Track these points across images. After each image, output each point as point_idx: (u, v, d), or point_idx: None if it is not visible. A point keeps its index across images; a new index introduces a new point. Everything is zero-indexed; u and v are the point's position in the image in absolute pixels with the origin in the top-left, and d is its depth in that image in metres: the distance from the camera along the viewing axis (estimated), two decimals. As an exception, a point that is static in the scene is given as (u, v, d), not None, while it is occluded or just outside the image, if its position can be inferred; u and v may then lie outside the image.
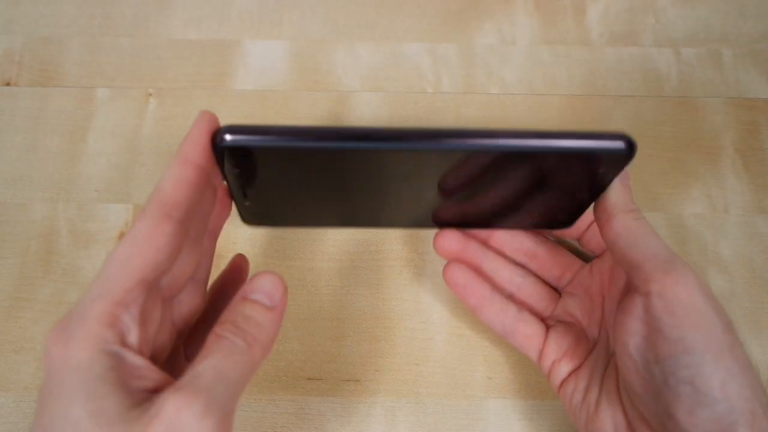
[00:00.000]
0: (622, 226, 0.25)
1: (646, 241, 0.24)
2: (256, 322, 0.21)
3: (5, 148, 0.36)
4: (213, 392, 0.18)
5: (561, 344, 0.29)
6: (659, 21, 0.40)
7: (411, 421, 0.31)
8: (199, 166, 0.21)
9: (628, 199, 0.26)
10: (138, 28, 0.40)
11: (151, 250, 0.20)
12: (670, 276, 0.23)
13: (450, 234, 0.30)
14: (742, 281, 0.34)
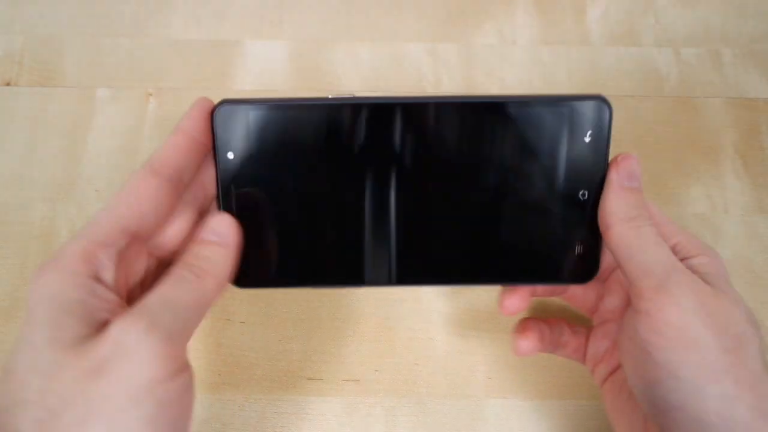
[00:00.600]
0: (619, 237, 0.24)
1: (643, 255, 0.23)
2: (206, 257, 0.22)
3: (5, 148, 0.36)
4: (157, 314, 0.20)
5: (598, 349, 0.28)
6: (659, 21, 0.40)
7: (411, 421, 0.31)
8: (192, 136, 0.24)
9: (628, 204, 0.24)
10: (138, 28, 0.40)
11: (136, 201, 0.21)
12: (661, 295, 0.22)
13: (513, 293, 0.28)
14: (742, 281, 0.34)
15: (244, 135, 0.25)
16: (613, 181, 0.25)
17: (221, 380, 0.32)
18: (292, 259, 0.27)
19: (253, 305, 0.33)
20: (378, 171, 0.26)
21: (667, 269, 0.22)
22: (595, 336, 0.29)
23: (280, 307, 0.33)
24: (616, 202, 0.24)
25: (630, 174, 0.25)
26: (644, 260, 0.23)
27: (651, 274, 0.22)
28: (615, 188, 0.24)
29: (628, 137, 0.37)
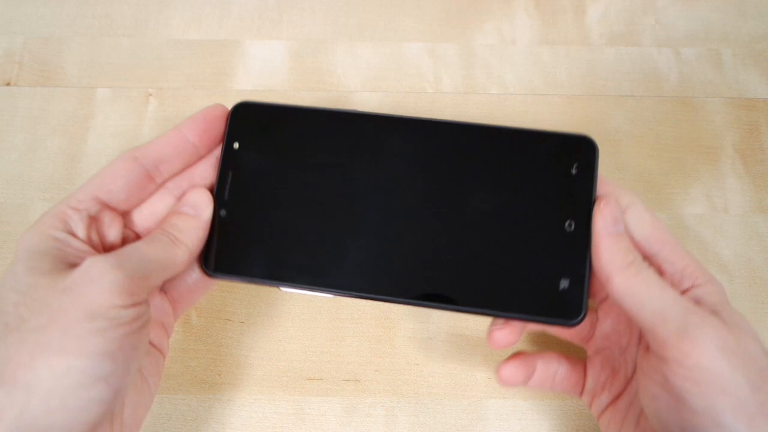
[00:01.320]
0: (623, 287, 0.23)
1: (653, 301, 0.23)
2: (179, 227, 0.25)
3: (5, 148, 0.36)
4: (125, 258, 0.23)
5: (598, 379, 0.27)
6: (659, 21, 0.40)
7: (411, 421, 0.31)
8: (184, 136, 0.26)
9: (621, 250, 0.24)
10: (138, 28, 0.40)
11: (109, 178, 0.25)
12: (685, 341, 0.22)
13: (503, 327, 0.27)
14: (742, 281, 0.34)
15: (255, 133, 0.28)
16: (601, 229, 0.25)
17: (221, 380, 0.32)
18: (268, 254, 0.27)
19: (253, 305, 0.33)
20: (366, 185, 0.27)
21: (683, 313, 0.22)
22: (593, 366, 0.28)
23: (280, 307, 0.33)
24: (609, 251, 0.24)
25: (614, 219, 0.25)
26: (657, 307, 0.23)
27: (668, 320, 0.22)
28: (605, 237, 0.24)
29: (628, 137, 0.37)
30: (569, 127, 0.37)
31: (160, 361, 0.27)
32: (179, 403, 0.31)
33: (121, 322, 0.21)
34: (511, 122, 0.37)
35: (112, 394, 0.21)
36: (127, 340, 0.22)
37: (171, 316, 0.27)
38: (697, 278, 0.25)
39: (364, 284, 0.26)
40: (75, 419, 0.21)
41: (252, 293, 0.33)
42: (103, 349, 0.21)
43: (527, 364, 0.28)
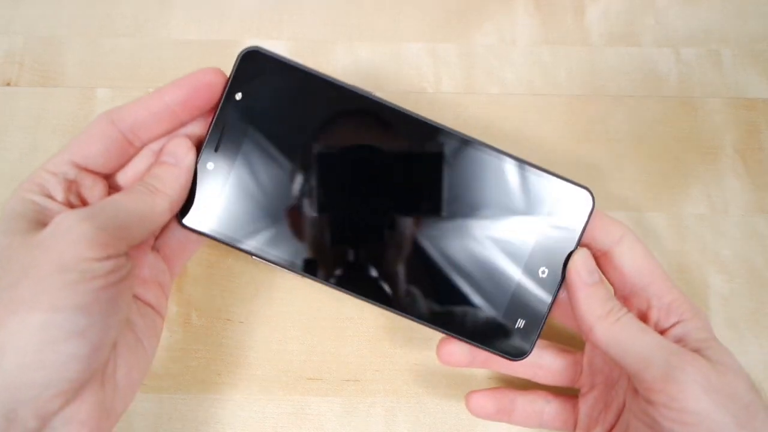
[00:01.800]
0: (605, 335, 0.24)
1: (636, 346, 0.23)
2: (159, 176, 0.25)
3: (5, 148, 0.36)
4: (97, 210, 0.23)
5: (591, 414, 0.28)
6: (659, 21, 0.40)
7: (411, 421, 0.31)
8: (165, 103, 0.25)
9: (599, 299, 0.25)
10: (138, 28, 0.40)
11: (86, 142, 0.25)
12: (670, 384, 0.22)
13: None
14: (742, 281, 0.34)
15: (259, 87, 0.26)
16: (576, 282, 0.25)
17: (221, 380, 0.32)
18: (243, 218, 0.26)
19: (253, 305, 0.33)
20: (357, 174, 0.27)
21: (666, 356, 0.23)
22: (586, 402, 0.28)
23: (280, 307, 0.33)
24: (587, 303, 0.25)
25: (589, 270, 0.25)
26: (639, 352, 0.23)
27: (651, 365, 0.23)
28: (581, 288, 0.25)
29: (628, 137, 0.37)
30: (569, 127, 0.37)
31: (157, 321, 0.26)
32: (179, 403, 0.31)
33: (94, 275, 0.21)
34: (512, 123, 0.37)
35: (89, 349, 0.21)
36: (103, 294, 0.21)
37: (167, 274, 0.27)
38: (683, 313, 0.25)
39: (326, 272, 0.27)
40: (54, 376, 0.20)
41: (252, 293, 0.33)
42: (76, 303, 0.20)
43: (501, 397, 0.28)
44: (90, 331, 0.21)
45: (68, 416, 0.21)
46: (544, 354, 0.29)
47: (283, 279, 0.34)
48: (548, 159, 0.36)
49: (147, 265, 0.26)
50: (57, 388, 0.20)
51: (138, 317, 0.25)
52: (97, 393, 0.22)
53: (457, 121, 0.37)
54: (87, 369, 0.21)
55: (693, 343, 0.24)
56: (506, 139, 0.37)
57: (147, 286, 0.26)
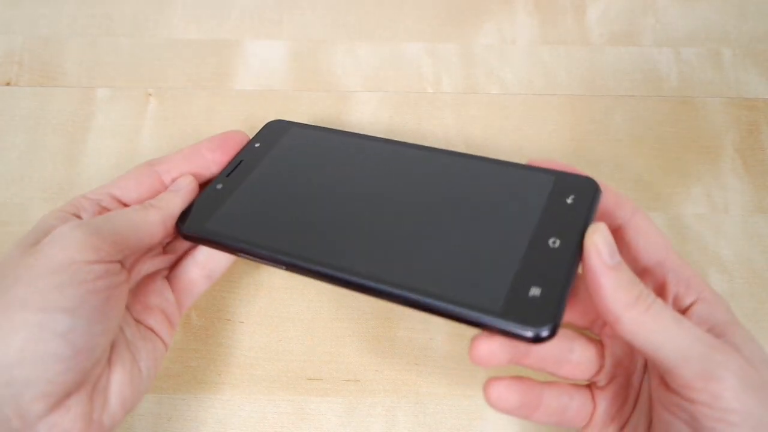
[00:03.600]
0: (634, 326, 0.21)
1: (671, 339, 0.21)
2: (159, 198, 0.27)
3: (5, 148, 0.36)
4: (92, 220, 0.24)
5: (609, 411, 0.26)
6: (659, 21, 0.40)
7: (411, 421, 0.31)
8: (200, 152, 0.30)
9: (625, 284, 0.22)
10: (138, 28, 0.40)
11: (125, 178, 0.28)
12: (713, 382, 0.20)
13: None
14: (742, 281, 0.34)
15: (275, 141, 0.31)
16: (596, 264, 0.22)
17: (221, 380, 0.32)
18: (242, 225, 0.28)
19: (253, 305, 0.33)
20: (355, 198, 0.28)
21: (706, 351, 0.21)
22: (605, 397, 0.26)
23: (280, 307, 0.33)
24: (613, 288, 0.21)
25: (611, 250, 0.22)
26: (676, 347, 0.21)
27: (690, 361, 0.21)
28: (604, 272, 0.22)
29: (628, 137, 0.37)
30: (570, 127, 0.37)
31: (158, 348, 0.26)
32: (179, 403, 0.31)
33: (83, 279, 0.22)
34: (512, 123, 0.37)
35: (71, 352, 0.21)
36: (90, 299, 0.22)
37: (174, 306, 0.28)
38: (702, 291, 0.24)
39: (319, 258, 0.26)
40: (34, 375, 0.21)
41: (252, 293, 0.33)
42: (63, 305, 0.21)
43: (528, 390, 0.25)
44: (72, 334, 0.21)
45: (52, 423, 0.21)
46: (574, 345, 0.26)
47: (283, 279, 0.34)
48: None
49: (155, 292, 0.27)
50: (37, 388, 0.21)
51: (139, 340, 0.26)
52: (85, 404, 0.22)
53: (457, 121, 0.37)
54: (68, 372, 0.21)
55: (718, 326, 0.22)
56: (506, 139, 0.37)
57: (152, 312, 0.27)
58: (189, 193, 0.28)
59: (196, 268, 0.29)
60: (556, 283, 0.22)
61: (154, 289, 0.27)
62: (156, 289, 0.27)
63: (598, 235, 0.22)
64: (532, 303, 0.22)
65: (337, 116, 0.37)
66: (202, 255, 0.29)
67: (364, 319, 0.33)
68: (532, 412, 0.25)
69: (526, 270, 0.23)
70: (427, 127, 0.37)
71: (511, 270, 0.23)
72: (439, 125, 0.37)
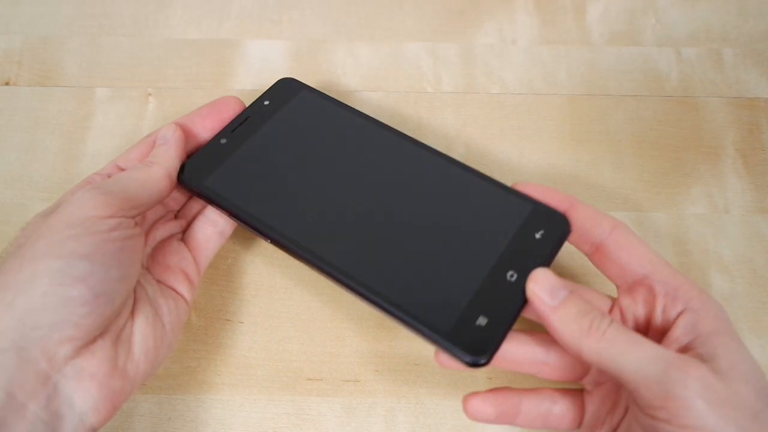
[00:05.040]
0: (593, 355, 0.22)
1: (629, 361, 0.22)
2: (155, 154, 0.29)
3: (5, 148, 0.36)
4: (103, 183, 0.27)
5: (599, 415, 0.26)
6: (659, 21, 0.40)
7: (411, 422, 0.31)
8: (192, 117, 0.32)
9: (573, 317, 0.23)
10: (138, 28, 0.40)
11: (128, 151, 0.30)
12: (670, 402, 0.21)
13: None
14: (743, 281, 0.34)
15: (282, 101, 0.33)
16: (542, 310, 0.23)
17: (221, 380, 0.31)
18: (242, 185, 0.30)
19: (253, 305, 0.33)
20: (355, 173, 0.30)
21: (662, 368, 0.21)
22: (593, 400, 0.27)
23: (280, 307, 0.33)
24: (563, 327, 0.23)
25: (552, 290, 0.24)
26: (633, 368, 0.22)
27: (649, 380, 0.21)
28: (549, 314, 0.23)
29: (628, 137, 0.37)
30: (570, 127, 0.37)
31: (181, 305, 0.28)
32: (179, 403, 0.31)
33: (97, 230, 0.24)
34: (511, 123, 0.37)
35: (91, 295, 0.23)
36: (104, 247, 0.24)
37: (192, 264, 0.30)
38: (691, 299, 0.24)
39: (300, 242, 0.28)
40: (58, 318, 0.22)
41: (252, 293, 0.33)
42: (79, 251, 0.23)
43: (504, 400, 0.26)
44: (91, 278, 0.23)
45: (79, 366, 0.22)
46: (551, 351, 0.27)
47: (283, 279, 0.34)
48: (548, 159, 0.36)
49: (172, 252, 0.29)
50: (63, 331, 0.22)
51: (160, 297, 0.27)
52: (109, 350, 0.23)
53: (457, 121, 0.37)
54: (90, 315, 0.23)
55: (701, 337, 0.23)
56: (506, 139, 0.37)
57: (172, 272, 0.29)
58: (176, 141, 0.29)
59: (208, 225, 0.31)
60: (503, 317, 0.24)
61: (171, 250, 0.29)
62: (173, 250, 0.29)
63: (533, 283, 0.24)
64: (477, 331, 0.24)
65: (337, 116, 0.37)
66: (212, 213, 0.31)
67: (364, 319, 0.33)
68: (512, 419, 0.27)
69: (480, 297, 0.25)
70: (427, 126, 0.37)
71: (468, 294, 0.25)
72: (439, 125, 0.37)
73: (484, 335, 0.24)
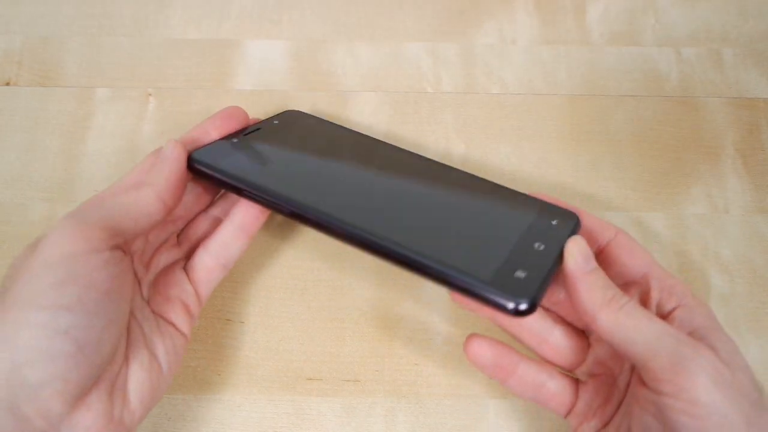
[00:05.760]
0: (608, 324, 0.23)
1: (642, 335, 0.22)
2: (148, 174, 0.26)
3: (5, 148, 0.36)
4: (82, 209, 0.24)
5: (591, 405, 0.27)
6: (659, 21, 0.40)
7: (411, 421, 0.31)
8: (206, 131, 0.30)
9: (600, 287, 0.24)
10: (138, 28, 0.40)
11: (132, 169, 0.27)
12: (680, 376, 0.21)
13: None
14: (743, 281, 0.34)
15: (292, 124, 0.34)
16: (574, 270, 0.24)
17: (221, 380, 0.31)
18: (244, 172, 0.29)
19: (253, 305, 0.33)
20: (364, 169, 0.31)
21: (674, 345, 0.22)
22: (587, 390, 0.27)
23: (280, 307, 0.33)
24: (588, 291, 0.24)
25: (586, 257, 0.24)
26: (646, 341, 0.22)
27: (660, 354, 0.22)
28: (580, 277, 0.24)
29: (628, 137, 0.37)
30: (570, 127, 0.37)
31: (178, 342, 0.26)
32: (179, 403, 0.31)
33: (79, 273, 0.21)
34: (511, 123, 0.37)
35: (75, 348, 0.21)
36: (87, 293, 0.22)
37: (193, 296, 0.28)
38: (685, 297, 0.25)
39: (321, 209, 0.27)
40: (45, 374, 0.21)
41: (252, 293, 0.33)
42: (61, 302, 0.21)
43: (504, 354, 0.27)
44: (75, 330, 0.21)
45: (74, 421, 0.21)
46: (555, 328, 0.28)
47: (283, 279, 0.34)
48: (548, 159, 0.36)
49: (173, 284, 0.28)
50: (52, 387, 0.21)
51: (157, 335, 0.26)
52: (104, 402, 0.22)
53: (457, 121, 0.37)
54: (78, 368, 0.21)
55: (698, 330, 0.23)
56: (506, 139, 0.37)
57: (172, 304, 0.27)
58: (174, 160, 0.27)
59: (210, 258, 0.29)
60: (539, 272, 0.25)
61: (172, 280, 0.28)
62: (174, 280, 0.28)
63: (573, 244, 0.25)
64: (517, 281, 0.24)
65: (337, 116, 0.37)
66: (215, 244, 0.29)
67: (364, 319, 0.33)
68: (505, 377, 0.27)
69: (515, 258, 0.25)
70: (427, 126, 0.37)
71: (503, 253, 0.25)
72: (439, 125, 0.37)
73: (524, 285, 0.24)
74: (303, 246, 0.34)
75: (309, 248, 0.34)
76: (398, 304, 0.33)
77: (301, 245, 0.34)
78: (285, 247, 0.34)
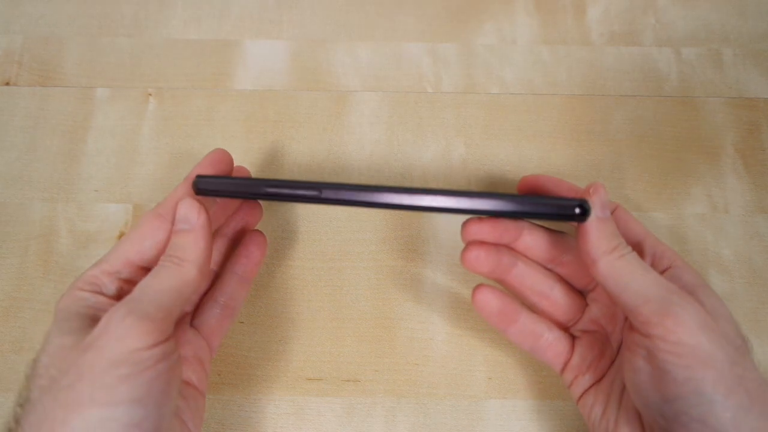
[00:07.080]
0: (607, 269, 0.25)
1: (636, 282, 0.24)
2: (180, 245, 0.25)
3: (5, 148, 0.36)
4: (135, 300, 0.23)
5: (585, 358, 0.28)
6: (659, 21, 0.40)
7: (411, 421, 0.31)
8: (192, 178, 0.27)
9: (608, 235, 0.25)
10: (138, 28, 0.40)
11: (139, 239, 0.26)
12: (669, 318, 0.23)
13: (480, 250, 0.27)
14: (743, 281, 0.34)
15: None
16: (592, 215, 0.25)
17: (221, 380, 0.31)
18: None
19: (253, 305, 0.33)
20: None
21: (665, 293, 0.24)
22: (582, 344, 0.29)
23: (280, 307, 0.33)
24: (597, 237, 0.25)
25: (603, 204, 0.26)
26: (640, 287, 0.24)
27: (651, 300, 0.24)
28: (593, 222, 0.25)
29: (628, 137, 0.37)
30: (570, 127, 0.37)
31: (199, 401, 0.27)
32: (179, 403, 0.31)
33: (146, 366, 0.22)
34: (512, 123, 0.37)
35: None
36: (155, 384, 0.22)
37: (206, 350, 0.28)
38: (676, 260, 0.26)
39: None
40: None
41: (252, 293, 0.33)
42: (132, 396, 0.21)
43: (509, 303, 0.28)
44: (146, 422, 0.22)
45: None
46: (555, 286, 0.29)
47: (283, 279, 0.34)
48: (548, 159, 0.36)
49: (186, 343, 0.27)
50: None
51: (182, 401, 0.26)
52: None
53: (457, 121, 0.37)
54: None
55: (687, 287, 0.25)
56: (506, 139, 0.37)
57: (189, 364, 0.27)
58: (203, 226, 0.26)
59: (217, 308, 0.29)
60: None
61: (185, 340, 0.27)
62: (187, 339, 0.27)
63: (594, 191, 0.26)
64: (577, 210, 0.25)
65: (336, 116, 0.37)
66: (222, 295, 0.29)
67: (364, 319, 0.33)
68: (508, 325, 0.28)
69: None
70: (427, 126, 0.37)
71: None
72: (439, 125, 0.37)
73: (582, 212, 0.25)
74: (303, 246, 0.34)
75: (309, 248, 0.34)
76: (398, 304, 0.33)
77: (301, 245, 0.34)
78: (284, 248, 0.34)
